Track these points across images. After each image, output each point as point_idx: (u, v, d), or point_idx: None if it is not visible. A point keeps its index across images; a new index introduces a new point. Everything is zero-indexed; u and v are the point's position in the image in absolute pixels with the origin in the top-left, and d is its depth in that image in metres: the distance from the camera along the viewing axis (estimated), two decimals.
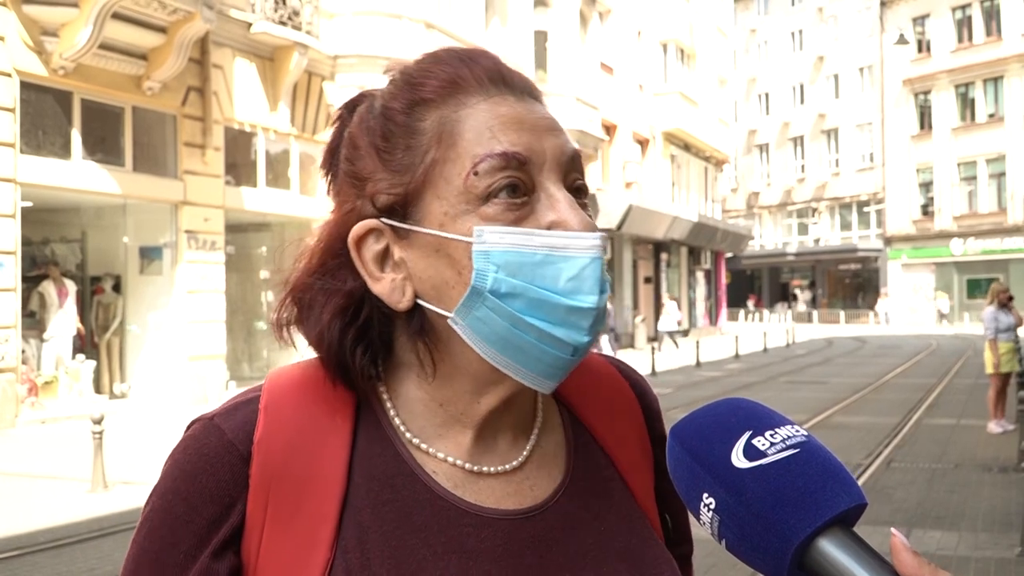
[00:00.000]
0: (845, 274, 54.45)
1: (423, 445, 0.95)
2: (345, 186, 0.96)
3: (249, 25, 16.06)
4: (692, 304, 38.89)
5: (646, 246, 33.78)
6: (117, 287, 15.90)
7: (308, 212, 17.41)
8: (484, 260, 0.86)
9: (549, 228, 0.88)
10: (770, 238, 56.49)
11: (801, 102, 54.48)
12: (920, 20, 48.02)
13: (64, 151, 13.85)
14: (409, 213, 0.91)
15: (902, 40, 42.62)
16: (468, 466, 0.95)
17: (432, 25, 18.54)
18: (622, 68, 30.62)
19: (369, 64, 17.48)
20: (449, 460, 0.94)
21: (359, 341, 0.94)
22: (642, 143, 33.15)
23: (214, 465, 0.89)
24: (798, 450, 0.72)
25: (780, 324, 48.41)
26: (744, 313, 54.84)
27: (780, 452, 0.72)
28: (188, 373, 15.30)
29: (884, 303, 49.04)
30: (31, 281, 14.31)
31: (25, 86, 13.20)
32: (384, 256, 0.93)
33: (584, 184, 0.95)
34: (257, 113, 16.80)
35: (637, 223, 29.41)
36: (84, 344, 15.32)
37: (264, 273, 17.92)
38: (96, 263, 16.31)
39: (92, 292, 16.03)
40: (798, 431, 0.74)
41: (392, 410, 0.96)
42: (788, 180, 55.02)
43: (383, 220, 0.92)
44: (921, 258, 47.53)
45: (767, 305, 56.58)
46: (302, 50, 16.64)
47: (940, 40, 46.88)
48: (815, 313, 53.40)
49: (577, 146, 0.95)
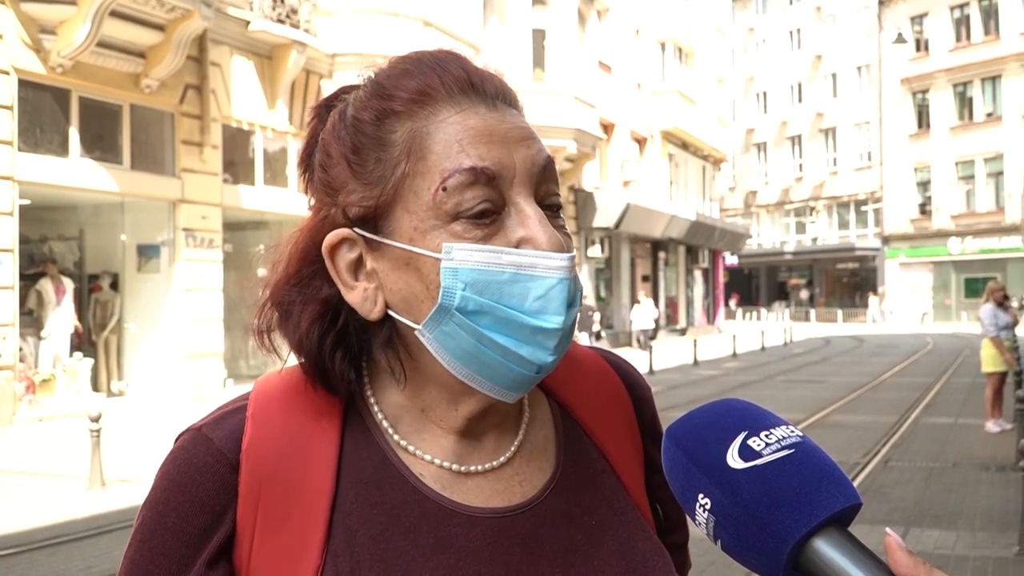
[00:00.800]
0: (843, 273, 54.49)
1: (409, 447, 0.95)
2: (319, 192, 0.96)
3: (247, 23, 16.04)
4: (690, 303, 38.92)
5: (644, 245, 33.79)
6: (115, 285, 15.88)
7: (306, 210, 17.32)
8: (452, 277, 0.86)
9: (518, 245, 0.87)
10: (768, 237, 56.51)
11: (799, 101, 54.51)
12: (918, 19, 48.06)
13: (62, 149, 13.83)
14: (380, 225, 0.90)
15: (900, 39, 42.63)
16: (455, 467, 0.95)
17: (430, 23, 18.52)
18: (620, 67, 30.61)
19: (367, 62, 16.64)
20: (436, 462, 0.95)
21: (337, 347, 0.94)
22: (640, 142, 33.15)
23: (203, 475, 0.90)
24: (793, 451, 0.72)
25: (778, 323, 48.44)
26: (725, 312, 54.81)
27: (775, 453, 0.72)
28: (186, 371, 15.29)
29: (874, 303, 49.27)
30: (29, 279, 14.29)
31: (23, 84, 13.18)
32: (357, 265, 0.93)
33: (558, 200, 0.93)
34: (255, 111, 16.79)
35: (635, 222, 29.41)
36: (82, 342, 15.31)
37: (261, 271, 17.88)
38: (94, 261, 16.30)
39: (90, 290, 16.01)
40: (793, 432, 0.74)
41: (380, 414, 0.96)
42: (786, 179, 55.04)
43: (355, 231, 0.92)
44: (919, 257, 47.57)
45: (765, 304, 56.62)
46: (300, 48, 16.62)
47: (938, 39, 46.91)
48: (813, 312, 53.43)
49: (549, 153, 0.93)
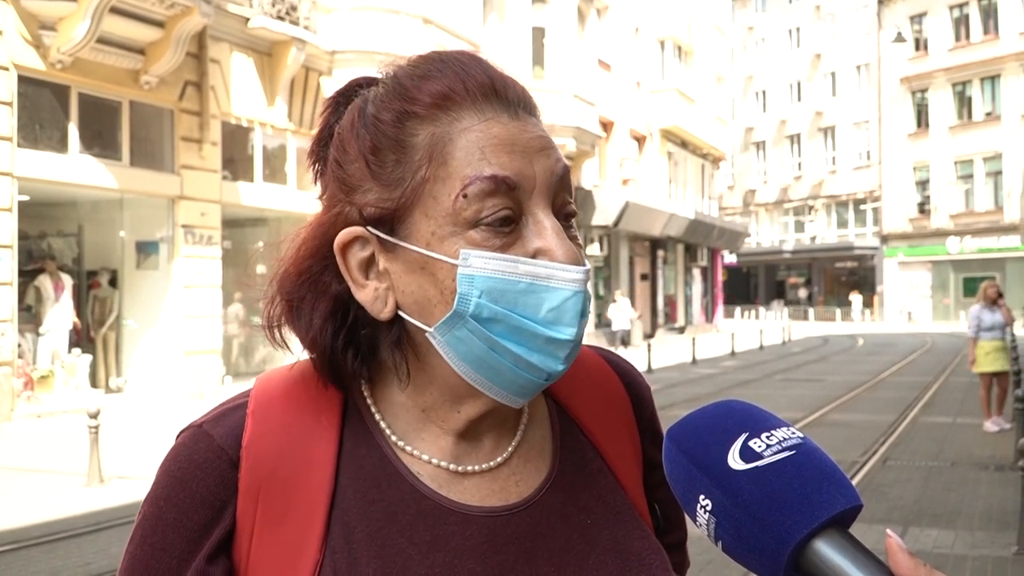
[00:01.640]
0: (841, 272, 54.51)
1: (407, 447, 0.95)
2: (333, 187, 0.95)
3: (247, 20, 16.04)
4: (688, 301, 38.95)
5: (643, 243, 33.81)
6: (113, 281, 15.88)
7: (305, 207, 17.38)
8: (468, 284, 0.86)
9: (535, 255, 0.88)
10: (767, 236, 56.53)
11: (798, 100, 54.53)
12: (918, 18, 48.07)
13: (61, 145, 13.82)
14: (396, 227, 0.91)
15: (899, 38, 42.66)
16: (452, 467, 0.96)
17: (430, 20, 18.52)
18: (620, 65, 30.61)
19: (367, 59, 17.45)
20: (433, 462, 0.95)
21: (349, 344, 0.95)
22: (639, 140, 33.15)
23: (204, 471, 0.90)
24: (794, 452, 0.73)
25: (776, 321, 48.46)
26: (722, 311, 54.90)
27: (776, 454, 0.72)
28: (184, 368, 15.29)
29: (857, 301, 49.75)
30: (28, 275, 14.29)
31: (23, 80, 13.18)
32: (369, 264, 0.93)
33: (573, 209, 0.94)
34: (254, 108, 16.78)
35: (634, 220, 29.42)
36: (80, 338, 15.31)
37: (261, 268, 17.89)
38: (93, 257, 16.29)
39: (88, 286, 16.01)
40: (794, 433, 0.75)
41: (377, 413, 0.97)
42: (785, 178, 55.06)
43: (370, 230, 0.92)
44: (917, 256, 47.60)
45: (763, 302, 56.63)
46: (300, 45, 16.62)
47: (937, 38, 46.92)
48: (811, 311, 53.46)
49: (567, 162, 0.94)
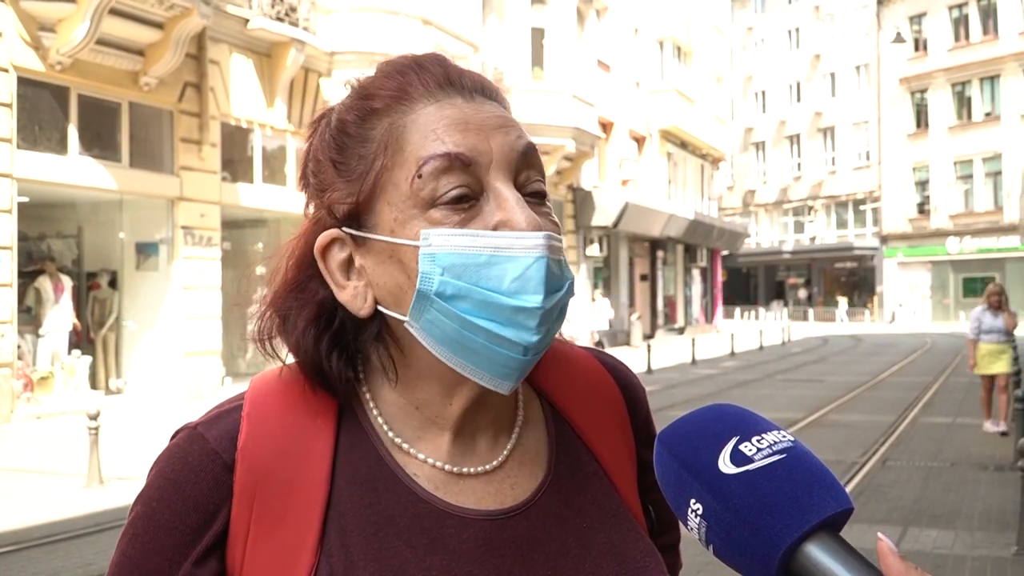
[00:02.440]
0: (841, 272, 54.49)
1: (404, 446, 0.96)
2: (312, 198, 0.98)
3: (246, 21, 16.03)
4: (688, 302, 38.94)
5: (642, 244, 33.80)
6: (113, 283, 15.87)
7: (304, 209, 17.34)
8: (430, 263, 0.87)
9: (496, 228, 0.88)
10: (766, 236, 56.52)
11: (798, 100, 54.53)
12: (917, 19, 48.08)
13: (61, 146, 13.81)
14: (364, 221, 0.92)
15: (899, 39, 42.66)
16: (448, 467, 0.96)
17: (429, 21, 18.52)
18: (619, 66, 30.60)
19: (366, 60, 17.45)
20: (429, 462, 0.95)
21: (334, 348, 0.95)
22: (639, 140, 33.15)
23: (197, 473, 0.90)
24: (785, 455, 0.73)
25: (776, 322, 48.44)
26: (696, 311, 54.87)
27: (767, 457, 0.73)
28: (184, 369, 15.28)
29: (843, 303, 50.22)
30: (27, 276, 14.28)
31: (22, 81, 13.17)
32: (348, 264, 0.94)
33: (541, 187, 0.94)
34: (254, 109, 16.78)
35: (633, 220, 29.41)
36: (80, 340, 15.30)
37: (260, 269, 17.88)
38: (92, 259, 16.28)
39: (88, 288, 15.99)
40: (784, 436, 0.75)
41: (375, 410, 0.97)
42: (784, 178, 55.06)
43: (343, 229, 0.93)
44: (917, 256, 47.59)
45: (763, 303, 56.62)
46: (299, 46, 16.62)
47: (937, 39, 46.93)
48: (811, 311, 53.45)
49: (531, 140, 0.94)
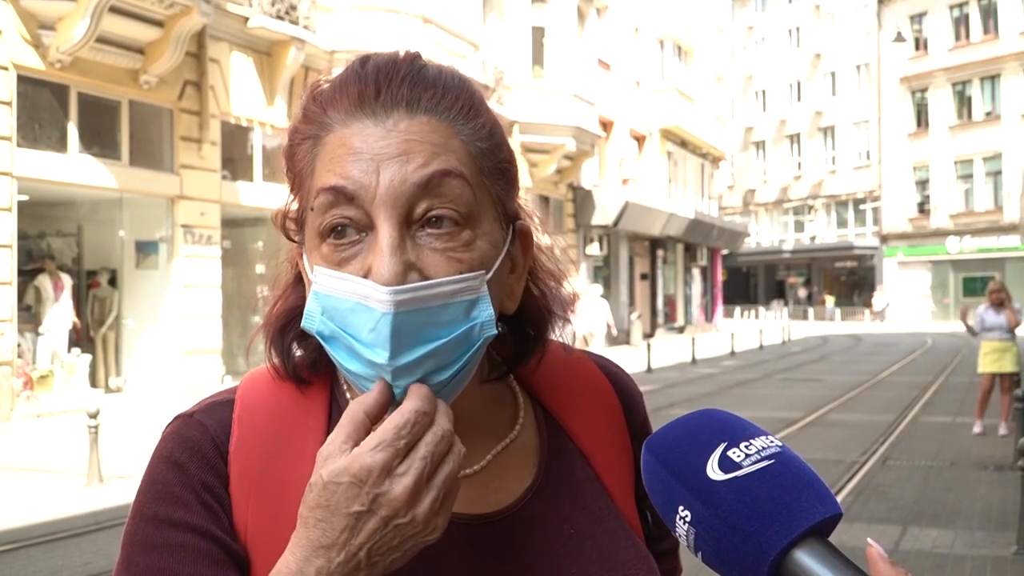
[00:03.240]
0: (841, 271, 54.53)
1: None
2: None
3: (246, 19, 16.03)
4: (688, 301, 38.94)
5: (642, 243, 33.80)
6: (113, 281, 15.87)
7: None
8: (314, 301, 0.87)
9: (367, 274, 0.84)
10: (766, 235, 56.54)
11: (798, 99, 54.54)
12: (917, 18, 48.08)
13: (60, 145, 13.81)
14: (302, 240, 0.93)
15: (899, 38, 42.65)
16: None
17: (429, 20, 18.52)
18: (619, 64, 30.61)
19: None
20: None
21: (301, 346, 0.98)
22: (639, 140, 33.15)
23: (200, 456, 0.90)
24: (773, 461, 0.72)
25: (776, 321, 48.45)
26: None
27: (755, 464, 0.72)
28: (184, 367, 15.27)
29: (830, 301, 50.39)
30: (27, 275, 14.28)
31: (22, 79, 13.16)
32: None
33: (446, 213, 0.85)
34: (254, 108, 16.77)
35: (633, 220, 29.42)
36: (80, 338, 15.30)
37: (260, 268, 17.89)
38: (92, 257, 16.28)
39: (88, 286, 16.00)
40: (772, 442, 0.74)
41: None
42: (784, 177, 55.08)
43: (295, 242, 0.96)
44: (917, 256, 47.61)
45: (763, 302, 56.63)
46: (299, 45, 16.61)
47: (937, 38, 46.93)
48: (811, 310, 53.46)
49: (438, 167, 0.86)
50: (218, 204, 16.11)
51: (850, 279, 54.14)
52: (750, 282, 59.64)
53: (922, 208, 47.79)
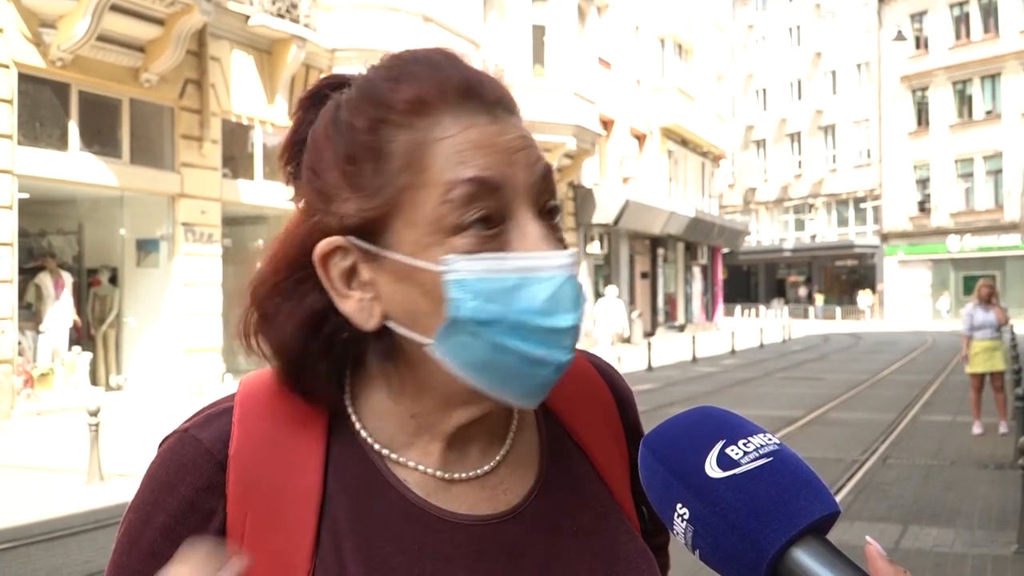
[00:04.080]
0: (841, 270, 54.49)
1: (393, 455, 0.94)
2: (310, 195, 0.93)
3: (247, 18, 16.03)
4: (689, 299, 38.93)
5: (643, 241, 33.79)
6: (114, 279, 15.88)
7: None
8: (459, 289, 0.85)
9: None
10: (767, 234, 56.53)
11: (798, 98, 54.52)
12: (918, 17, 48.05)
13: (61, 143, 13.82)
14: (378, 237, 0.88)
15: (900, 37, 42.64)
16: (440, 474, 0.95)
17: (430, 18, 18.51)
18: (620, 63, 30.60)
19: (367, 57, 16.98)
20: (420, 469, 0.94)
21: (323, 356, 0.93)
22: (639, 138, 33.14)
23: (192, 475, 0.89)
24: (771, 459, 0.72)
25: (776, 320, 48.44)
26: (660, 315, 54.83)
27: (753, 461, 0.72)
28: (184, 366, 15.28)
29: (820, 300, 50.83)
30: (28, 273, 14.29)
31: (23, 78, 13.17)
32: (351, 274, 0.91)
33: (556, 205, 0.93)
34: (254, 106, 16.78)
35: (634, 218, 29.41)
36: (80, 336, 15.30)
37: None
38: (93, 255, 16.28)
39: (89, 284, 16.00)
40: (771, 440, 0.74)
41: (357, 423, 0.95)
42: (785, 176, 55.06)
43: (350, 239, 0.90)
44: (918, 255, 47.60)
45: (763, 301, 56.61)
46: (300, 43, 16.61)
47: (938, 37, 46.90)
48: (811, 309, 53.44)
49: (547, 159, 0.92)
50: (219, 202, 16.11)
51: (850, 278, 54.10)
52: (751, 281, 59.62)
53: (922, 207, 47.77)
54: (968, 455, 10.34)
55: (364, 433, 0.95)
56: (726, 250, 44.61)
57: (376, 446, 0.94)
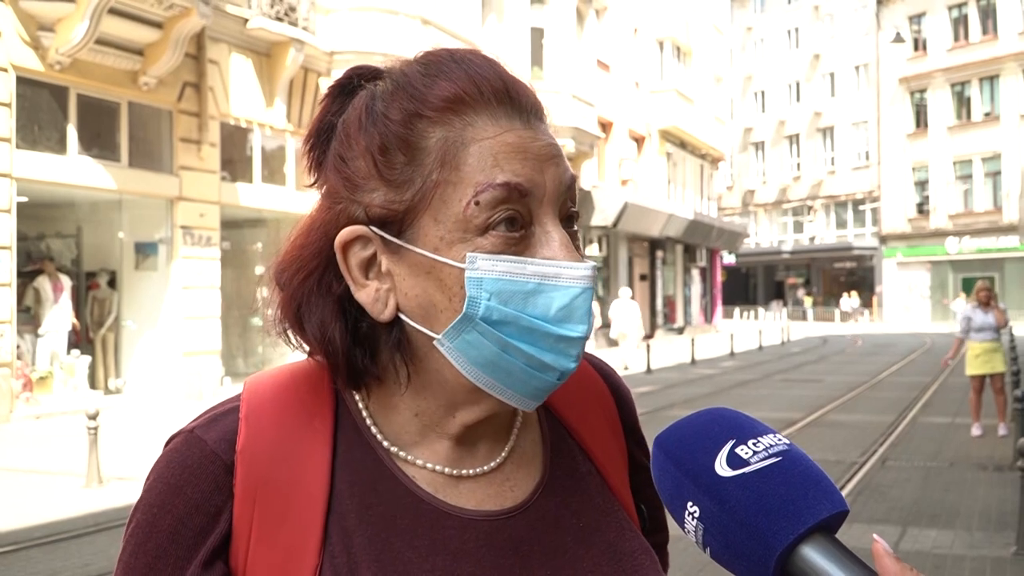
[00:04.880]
0: (840, 272, 54.53)
1: (400, 452, 0.95)
2: (335, 183, 0.94)
3: (245, 21, 16.03)
4: (687, 301, 38.95)
5: (642, 243, 33.81)
6: (112, 283, 15.87)
7: (304, 208, 17.30)
8: (477, 287, 0.86)
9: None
10: (765, 236, 56.55)
11: (797, 100, 54.57)
12: (916, 18, 48.12)
13: (60, 146, 13.82)
14: (403, 230, 0.89)
15: (898, 38, 42.69)
16: (447, 471, 0.96)
17: (428, 21, 18.52)
18: (618, 65, 30.62)
19: (365, 60, 17.35)
20: (428, 466, 0.95)
21: (358, 344, 0.94)
22: (638, 140, 33.17)
23: (198, 476, 0.89)
24: (780, 458, 0.73)
25: (775, 322, 48.47)
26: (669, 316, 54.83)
27: (763, 461, 0.73)
28: (183, 369, 15.28)
29: (808, 303, 51.46)
30: (26, 276, 14.29)
31: (21, 81, 13.17)
32: (369, 264, 0.92)
33: (577, 212, 0.95)
34: (253, 109, 16.78)
35: (633, 220, 29.43)
36: (79, 339, 15.30)
37: (260, 269, 17.90)
38: (91, 258, 16.28)
39: (87, 287, 15.99)
40: (780, 440, 0.75)
41: (368, 418, 0.96)
42: (784, 178, 55.10)
43: (374, 229, 0.91)
44: (916, 256, 47.63)
45: (762, 303, 56.65)
46: (298, 46, 16.61)
47: (936, 38, 46.96)
48: (810, 311, 53.47)
49: (572, 172, 0.94)
50: (217, 205, 16.12)
51: (849, 280, 54.15)
52: (749, 283, 59.66)
53: (921, 209, 47.82)
54: (967, 457, 10.35)
55: (375, 430, 0.96)
56: (725, 252, 44.63)
57: (385, 443, 0.95)
